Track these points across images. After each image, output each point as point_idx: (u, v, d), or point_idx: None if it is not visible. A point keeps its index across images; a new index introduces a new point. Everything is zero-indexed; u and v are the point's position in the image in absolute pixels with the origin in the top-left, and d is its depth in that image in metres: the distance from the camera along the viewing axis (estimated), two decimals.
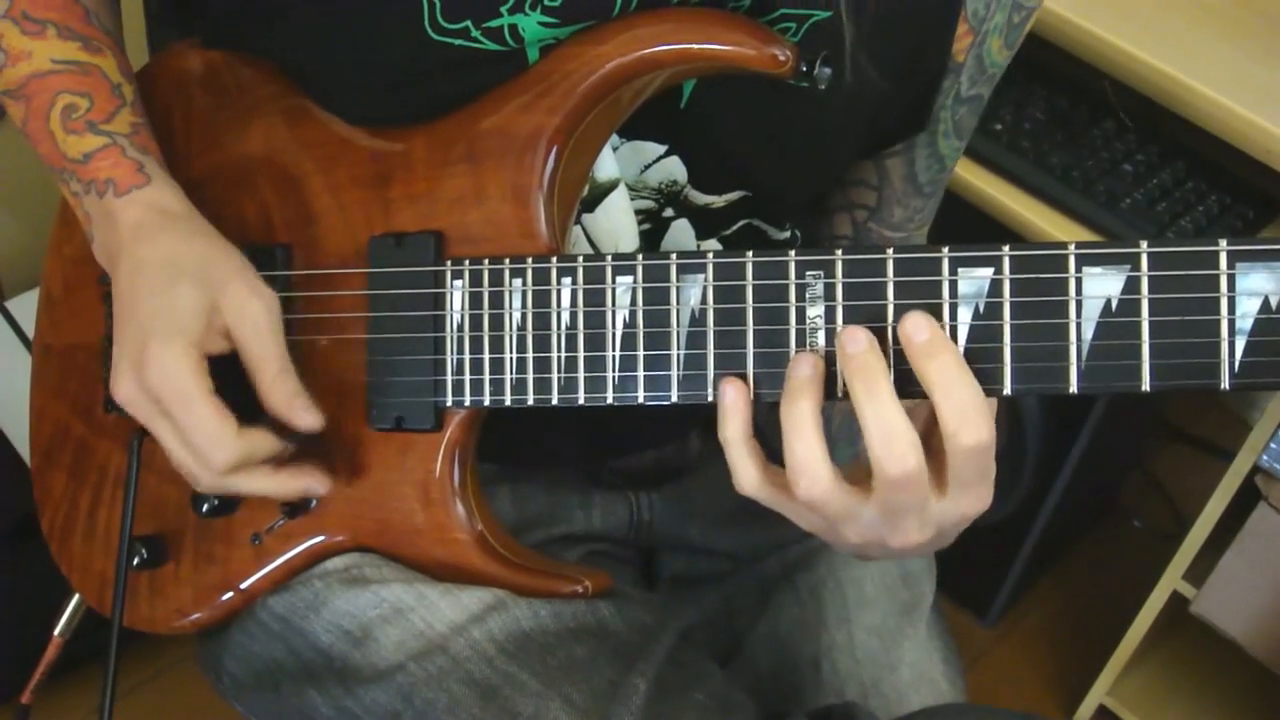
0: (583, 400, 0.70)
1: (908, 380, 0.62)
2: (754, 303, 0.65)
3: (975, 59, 0.81)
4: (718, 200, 0.81)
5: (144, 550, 0.81)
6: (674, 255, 0.67)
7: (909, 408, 0.62)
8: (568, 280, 0.69)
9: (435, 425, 0.74)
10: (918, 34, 0.78)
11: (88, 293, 0.87)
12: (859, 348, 0.61)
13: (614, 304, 0.68)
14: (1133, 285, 0.59)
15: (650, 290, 0.67)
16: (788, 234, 0.86)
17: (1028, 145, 1.40)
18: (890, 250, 0.62)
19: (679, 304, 0.67)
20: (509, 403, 0.72)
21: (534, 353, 0.70)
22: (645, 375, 0.68)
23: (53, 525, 0.89)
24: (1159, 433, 2.08)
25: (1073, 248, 0.60)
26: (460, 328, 0.72)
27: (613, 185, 0.77)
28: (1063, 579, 1.95)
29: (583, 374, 0.69)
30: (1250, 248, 0.58)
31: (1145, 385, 0.59)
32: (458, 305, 0.72)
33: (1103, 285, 0.59)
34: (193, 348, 0.71)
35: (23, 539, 1.38)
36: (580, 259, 0.69)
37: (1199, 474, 1.85)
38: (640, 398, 0.68)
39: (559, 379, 0.70)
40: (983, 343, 0.61)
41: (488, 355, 0.72)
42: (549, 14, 0.69)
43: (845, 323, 0.63)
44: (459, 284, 0.72)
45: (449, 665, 0.73)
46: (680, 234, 0.81)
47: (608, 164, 0.77)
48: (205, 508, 0.79)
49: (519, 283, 0.70)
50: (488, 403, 0.72)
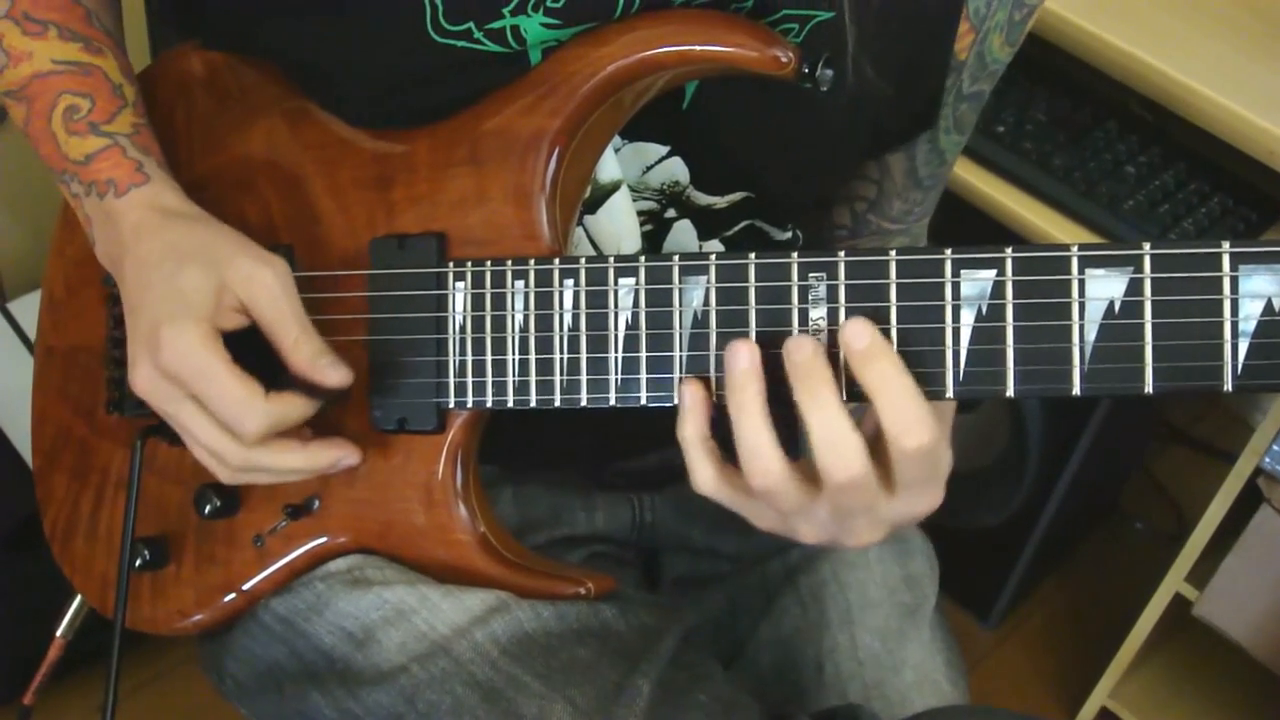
0: (585, 402, 0.70)
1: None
2: (756, 304, 0.65)
3: (976, 56, 0.81)
4: (720, 201, 0.81)
5: (146, 551, 0.81)
6: (677, 257, 0.67)
7: (864, 411, 0.62)
8: (570, 282, 0.69)
9: (438, 427, 0.74)
10: (919, 36, 0.78)
11: (90, 294, 0.87)
12: (804, 355, 0.62)
13: (616, 305, 0.68)
14: (1135, 287, 0.59)
15: (653, 292, 0.67)
16: (789, 234, 0.86)
17: (1030, 147, 1.40)
18: (893, 252, 0.62)
19: (681, 305, 0.67)
20: (511, 404, 0.71)
21: (536, 354, 0.70)
22: (648, 377, 0.68)
23: (55, 526, 0.89)
24: (1161, 434, 2.08)
25: (1075, 250, 0.60)
26: (463, 329, 0.72)
27: (615, 187, 0.77)
28: (1065, 581, 1.95)
29: (585, 376, 0.69)
30: (1253, 250, 0.58)
31: (1148, 387, 0.59)
32: (460, 307, 0.72)
33: (1105, 287, 0.59)
34: (204, 323, 0.70)
35: (25, 540, 1.39)
36: (582, 260, 0.69)
37: (1201, 476, 1.85)
38: (643, 399, 0.68)
39: (561, 380, 0.70)
40: (985, 345, 0.61)
41: (490, 357, 0.72)
42: (551, 15, 0.69)
43: None
44: (461, 285, 0.72)
45: (452, 667, 0.73)
46: (682, 235, 0.81)
47: (610, 165, 0.77)
48: (207, 509, 0.79)
49: (521, 284, 0.70)
50: (490, 404, 0.72)
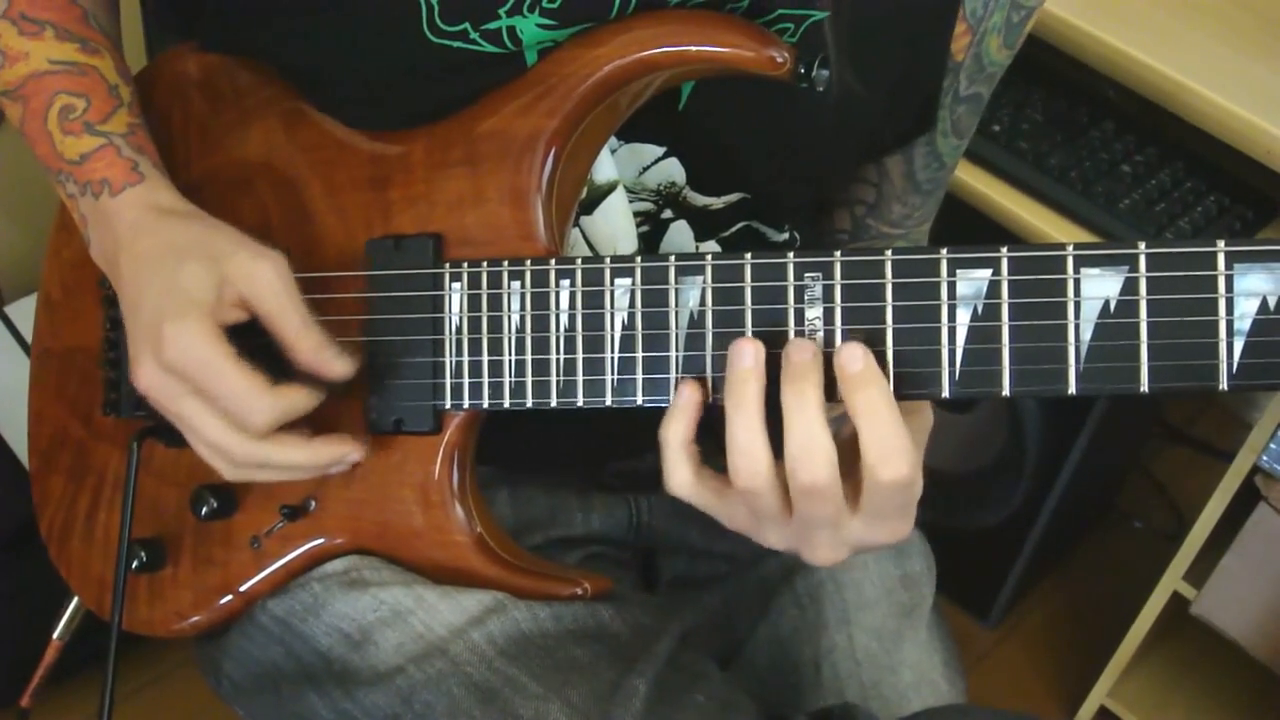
0: (581, 403, 0.70)
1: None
2: (752, 305, 0.65)
3: (974, 58, 0.81)
4: (716, 202, 0.81)
5: (143, 553, 0.81)
6: (673, 257, 0.67)
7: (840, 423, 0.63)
8: (566, 282, 0.69)
9: (434, 428, 0.74)
10: (912, 38, 0.78)
11: (87, 296, 0.87)
12: (803, 357, 0.62)
13: (612, 306, 0.68)
14: (1131, 286, 0.59)
15: (649, 292, 0.67)
16: (786, 236, 0.86)
17: (1026, 146, 1.40)
18: (889, 252, 0.63)
19: (678, 306, 0.67)
20: (508, 405, 0.71)
21: (533, 355, 0.70)
22: (644, 378, 0.68)
23: (51, 528, 0.89)
24: (1159, 433, 2.08)
25: (1071, 249, 0.60)
26: (459, 330, 0.72)
27: (611, 187, 0.77)
28: (1063, 580, 1.95)
29: (581, 376, 0.69)
30: (1248, 249, 0.58)
31: (1144, 386, 0.59)
32: (456, 307, 0.72)
33: (1101, 286, 0.59)
34: (207, 318, 0.70)
35: (22, 543, 1.38)
36: (578, 261, 0.69)
37: (1199, 475, 1.85)
38: (639, 400, 0.68)
39: (558, 381, 0.70)
40: (981, 344, 0.61)
41: (486, 358, 0.72)
42: (547, 16, 0.69)
43: (844, 324, 0.63)
44: (458, 286, 0.72)
45: (448, 668, 0.72)
46: (679, 235, 0.81)
47: (606, 166, 0.77)
48: (204, 511, 0.79)
49: (517, 285, 0.70)
50: (486, 405, 0.72)
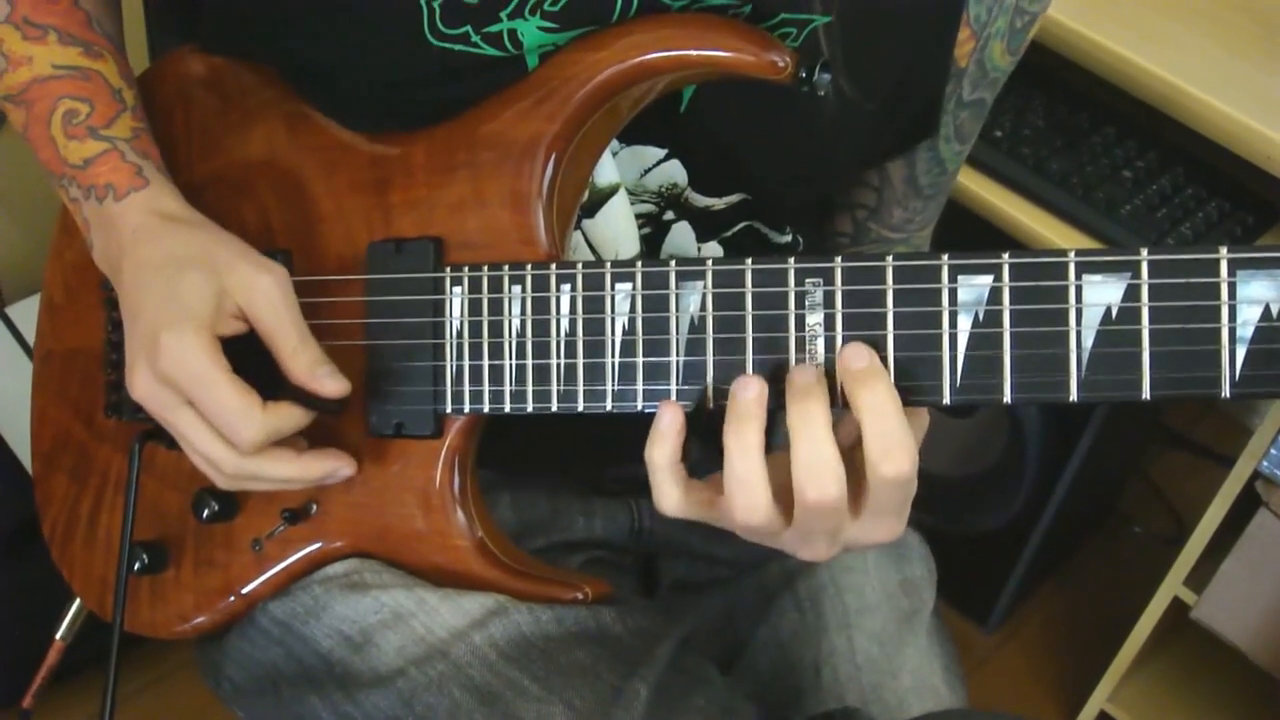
0: (581, 408, 0.70)
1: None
2: (753, 310, 0.65)
3: (977, 64, 0.81)
4: (718, 203, 0.81)
5: (145, 555, 0.81)
6: (673, 262, 0.67)
7: (839, 417, 0.63)
8: (567, 287, 0.69)
9: (435, 432, 0.74)
10: (915, 43, 0.78)
11: (89, 298, 0.87)
12: (806, 379, 0.63)
13: (613, 311, 0.68)
14: (1133, 293, 0.59)
15: (649, 297, 0.67)
16: (789, 238, 0.86)
17: (1027, 152, 1.40)
18: (889, 258, 0.62)
19: (678, 311, 0.67)
20: (508, 410, 0.71)
21: (533, 360, 0.70)
22: (644, 385, 0.68)
23: (54, 529, 0.89)
24: (1159, 438, 2.08)
25: (1072, 255, 0.60)
26: (460, 334, 0.72)
27: (613, 190, 0.77)
28: (1063, 585, 1.95)
29: (582, 382, 0.69)
30: (1251, 255, 0.57)
31: (1145, 394, 0.59)
32: (457, 312, 0.72)
33: (1103, 293, 0.59)
34: (204, 330, 0.70)
35: (24, 544, 1.39)
36: (579, 266, 0.69)
37: (1199, 480, 1.85)
38: (639, 405, 0.68)
39: (558, 387, 0.70)
40: (982, 351, 0.61)
41: (487, 362, 0.72)
42: (548, 19, 0.69)
43: (845, 330, 0.63)
44: (458, 290, 0.72)
45: (450, 670, 0.73)
46: (680, 236, 0.81)
47: (608, 169, 0.77)
48: (205, 513, 0.79)
49: (518, 289, 0.70)
50: (487, 410, 0.72)
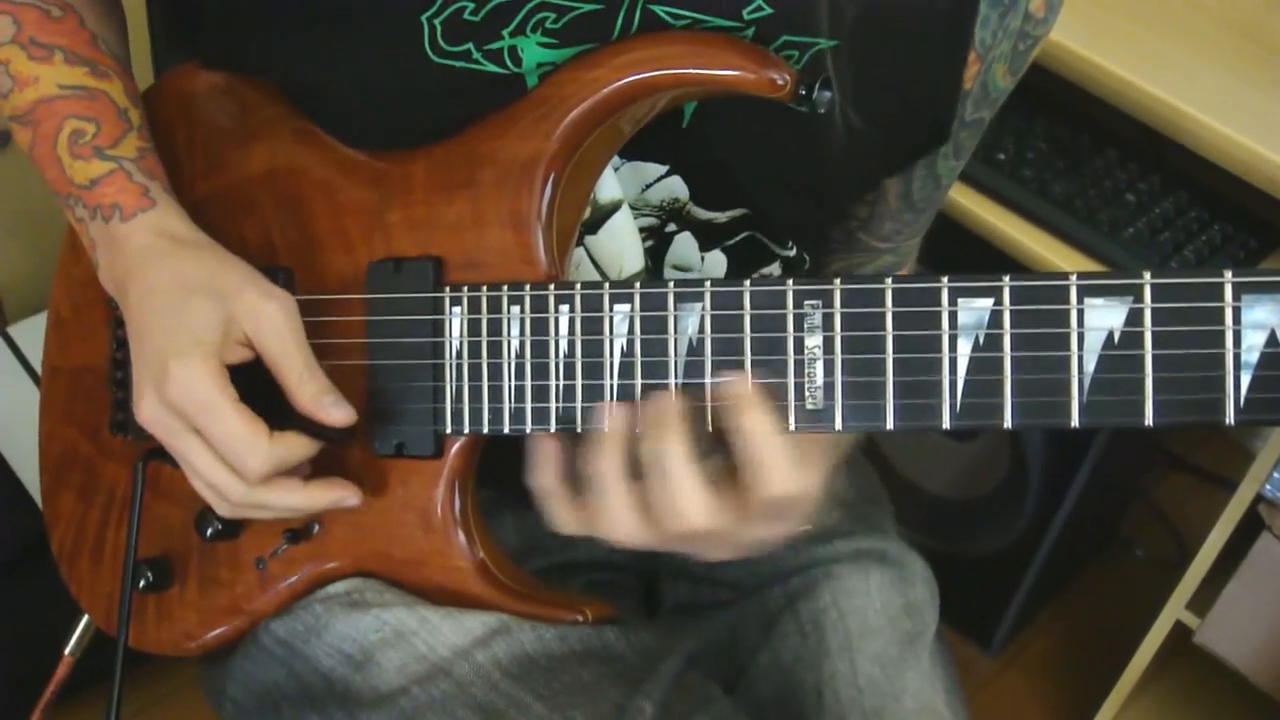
0: (580, 429, 0.69)
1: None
2: (752, 333, 0.65)
3: (980, 85, 0.81)
4: (720, 216, 0.81)
5: (149, 573, 0.81)
6: (671, 284, 0.66)
7: None
8: (565, 308, 0.69)
9: (435, 452, 0.74)
10: (912, 76, 0.78)
11: (95, 315, 0.87)
12: (661, 411, 0.65)
13: (611, 333, 0.68)
14: (1135, 317, 0.58)
15: (648, 319, 0.67)
16: (792, 252, 0.86)
17: (1030, 175, 1.40)
18: (889, 280, 0.62)
19: (677, 333, 0.66)
20: (507, 430, 0.71)
21: (532, 381, 0.70)
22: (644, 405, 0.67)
23: (62, 546, 0.89)
24: (1161, 462, 2.07)
25: (1074, 278, 0.59)
26: (459, 355, 0.72)
27: (615, 206, 0.77)
28: (1065, 609, 1.94)
29: (580, 403, 0.69)
30: (1257, 279, 0.57)
31: (1148, 420, 0.58)
32: (456, 332, 0.72)
33: (1105, 317, 0.59)
34: (212, 358, 0.70)
35: (30, 561, 1.38)
36: (578, 286, 0.69)
37: (1202, 503, 1.84)
38: (639, 428, 0.67)
39: (557, 408, 0.70)
40: (982, 375, 0.61)
41: (486, 383, 0.72)
42: (549, 36, 0.70)
43: (845, 353, 0.63)
44: (458, 311, 0.72)
45: (453, 690, 0.72)
46: (683, 247, 0.81)
47: (610, 185, 0.77)
48: (209, 532, 0.79)
49: (517, 310, 0.70)
50: (486, 430, 0.72)
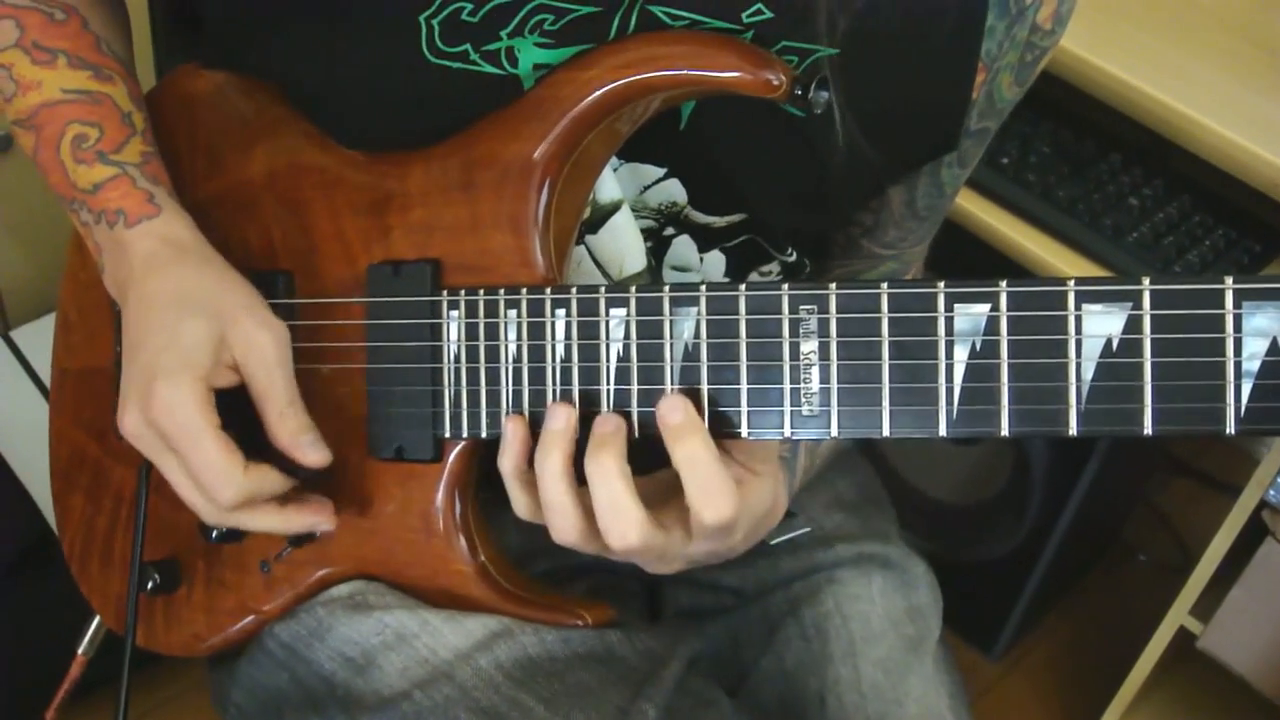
0: (577, 434, 0.69)
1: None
2: (747, 337, 0.64)
3: (986, 96, 0.81)
4: (718, 221, 0.80)
5: (157, 575, 0.82)
6: (667, 288, 0.66)
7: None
8: (562, 312, 0.69)
9: (435, 456, 0.74)
10: (914, 85, 0.78)
11: (102, 318, 0.87)
12: (605, 429, 0.66)
13: (608, 337, 0.67)
14: (1135, 324, 0.57)
15: (643, 323, 0.67)
16: (792, 257, 0.86)
17: (1034, 179, 1.40)
18: (884, 285, 0.62)
19: (672, 338, 0.66)
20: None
21: (529, 385, 0.70)
22: (639, 410, 0.67)
23: (73, 547, 0.90)
24: (1165, 467, 2.07)
25: (1072, 284, 0.58)
26: (457, 359, 0.72)
27: (615, 207, 0.77)
28: (1069, 614, 1.94)
29: (578, 408, 0.68)
30: (1258, 286, 0.56)
31: (1147, 429, 0.57)
32: (454, 336, 0.72)
33: (1103, 324, 0.58)
34: (199, 382, 0.71)
35: (34, 563, 1.39)
36: (574, 290, 0.68)
37: (1205, 509, 1.84)
38: (635, 433, 0.67)
39: None
40: (979, 382, 0.60)
41: (484, 387, 0.71)
42: (546, 36, 0.69)
43: (841, 359, 0.63)
44: (455, 315, 0.72)
45: (456, 694, 0.72)
46: (682, 247, 0.81)
47: (609, 185, 0.76)
48: (214, 534, 0.79)
49: (514, 314, 0.70)
50: (484, 434, 0.72)
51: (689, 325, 0.66)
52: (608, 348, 0.68)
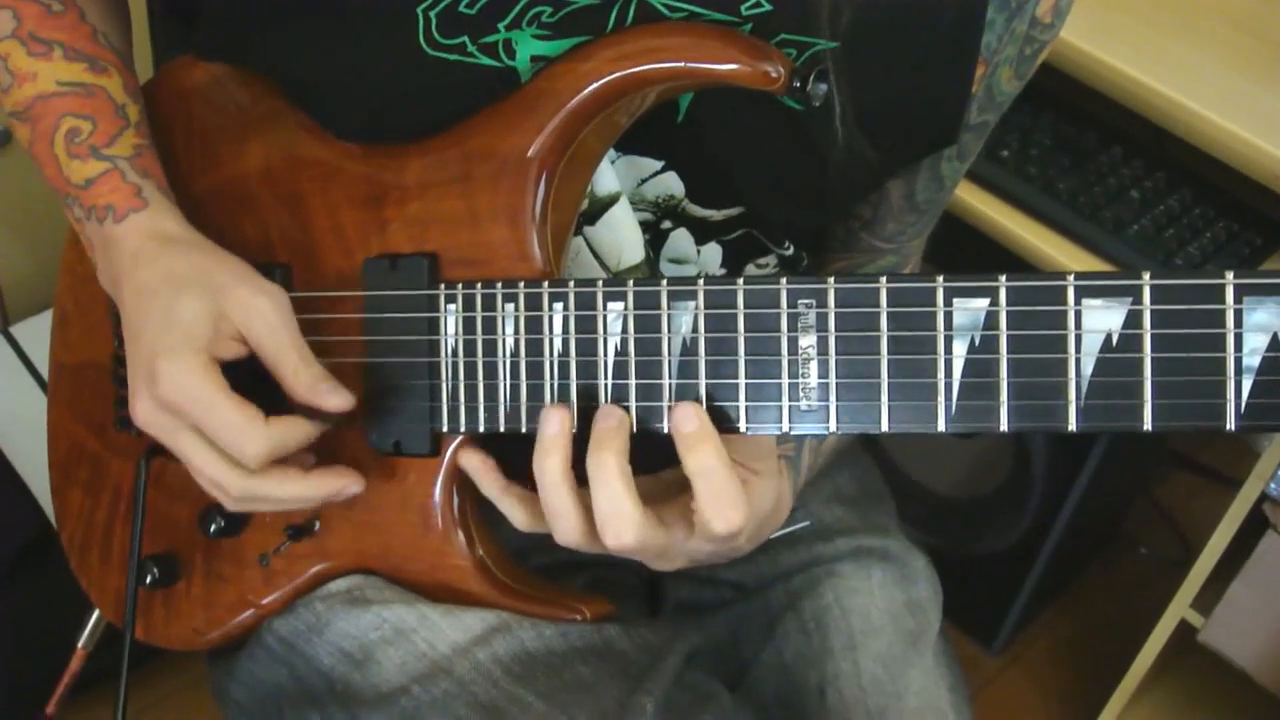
0: (576, 429, 0.69)
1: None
2: (745, 332, 0.64)
3: (985, 89, 0.80)
4: (715, 214, 0.80)
5: (156, 569, 0.82)
6: (664, 282, 0.66)
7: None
8: (559, 306, 0.68)
9: (433, 450, 0.74)
10: (914, 80, 0.77)
11: (99, 312, 0.87)
12: (607, 424, 0.65)
13: (605, 331, 0.67)
14: (1134, 319, 0.57)
15: (641, 317, 0.66)
16: (790, 251, 0.86)
17: (1035, 172, 1.40)
18: (883, 279, 0.61)
19: (670, 332, 0.66)
20: (503, 429, 0.71)
21: (527, 380, 0.70)
22: (638, 404, 0.67)
23: (72, 541, 0.90)
24: (1166, 460, 2.07)
25: (1072, 279, 0.58)
26: (455, 353, 0.72)
27: (614, 199, 0.77)
28: (1069, 607, 1.94)
29: (575, 402, 0.68)
30: (1259, 281, 0.55)
31: (1147, 425, 0.57)
32: (451, 330, 0.72)
33: (1103, 319, 0.57)
34: (201, 353, 0.70)
35: (34, 558, 1.39)
36: (571, 284, 0.68)
37: (1206, 502, 1.84)
38: (633, 427, 0.67)
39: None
40: (978, 377, 0.60)
41: (482, 381, 0.71)
42: (544, 29, 0.69)
43: (839, 354, 0.63)
44: (452, 308, 0.72)
45: (454, 688, 0.72)
46: (680, 240, 0.81)
47: (607, 177, 0.76)
48: (213, 528, 0.79)
49: (511, 308, 0.70)
50: (482, 428, 0.72)
51: (687, 319, 0.65)
52: (605, 342, 0.67)
